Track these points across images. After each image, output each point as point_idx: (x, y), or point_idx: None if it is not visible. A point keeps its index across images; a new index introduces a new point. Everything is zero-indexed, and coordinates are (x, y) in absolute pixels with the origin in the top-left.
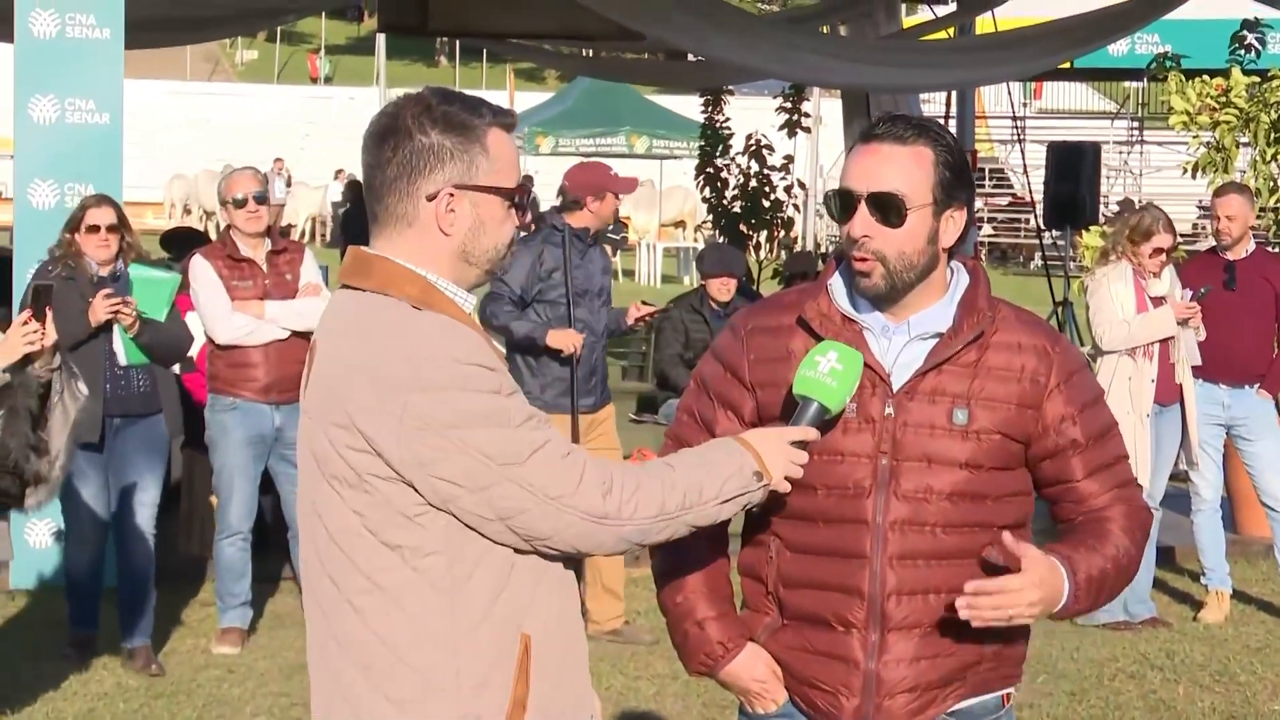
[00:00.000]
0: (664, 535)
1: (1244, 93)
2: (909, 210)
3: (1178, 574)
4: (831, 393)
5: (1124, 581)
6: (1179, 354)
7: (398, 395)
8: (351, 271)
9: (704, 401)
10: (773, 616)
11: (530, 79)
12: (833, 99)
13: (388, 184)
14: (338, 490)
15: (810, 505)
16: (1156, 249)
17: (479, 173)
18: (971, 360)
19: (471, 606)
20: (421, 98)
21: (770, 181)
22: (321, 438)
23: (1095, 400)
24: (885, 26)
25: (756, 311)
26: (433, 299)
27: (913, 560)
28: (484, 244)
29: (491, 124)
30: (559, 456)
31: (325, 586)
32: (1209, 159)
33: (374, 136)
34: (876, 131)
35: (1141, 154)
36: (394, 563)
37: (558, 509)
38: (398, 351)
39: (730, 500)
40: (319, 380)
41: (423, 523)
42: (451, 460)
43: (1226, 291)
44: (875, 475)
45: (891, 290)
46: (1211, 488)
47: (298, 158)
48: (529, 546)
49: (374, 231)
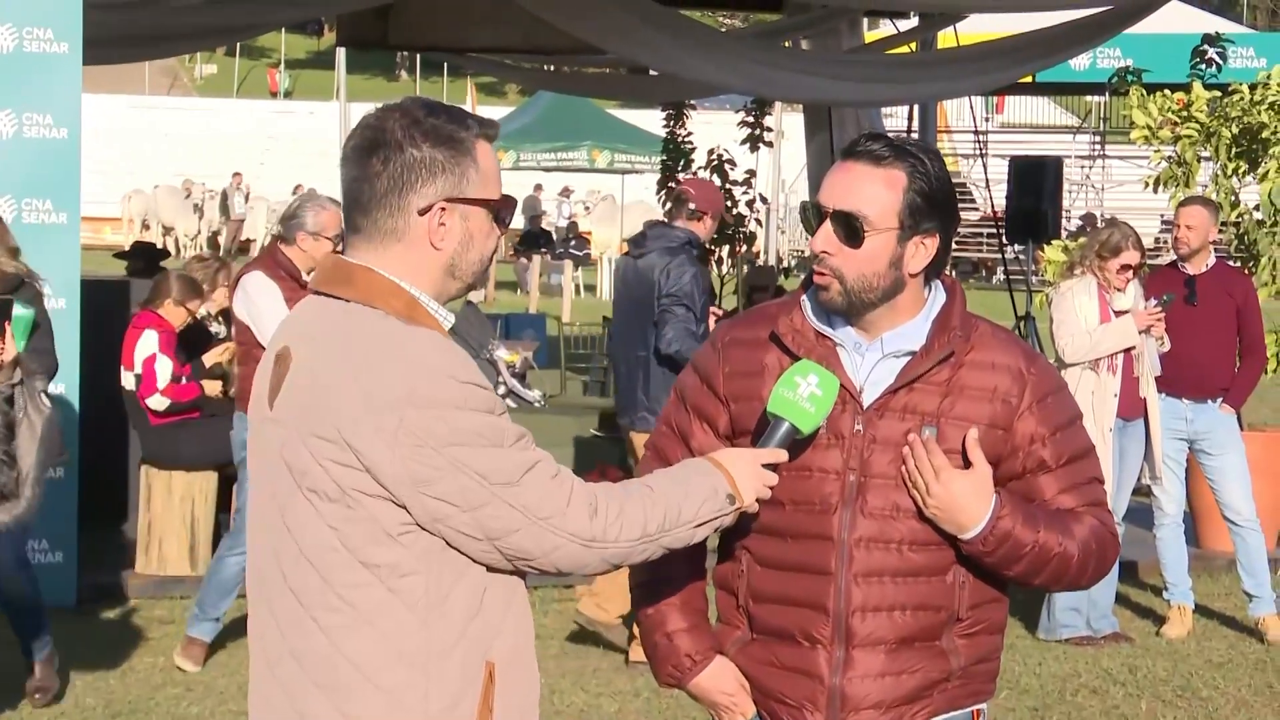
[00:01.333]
0: (642, 557)
1: (1205, 107)
2: (869, 233)
3: (1140, 589)
4: (807, 417)
5: (1046, 573)
6: (1143, 368)
7: (393, 410)
8: (331, 280)
9: (681, 413)
10: (743, 630)
11: (491, 93)
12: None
13: (377, 198)
14: (314, 504)
15: (779, 520)
16: (1124, 265)
17: (469, 185)
18: (944, 379)
19: (447, 628)
20: (407, 110)
21: (732, 196)
22: (301, 449)
23: (1070, 423)
24: (848, 41)
25: (736, 324)
26: (417, 315)
27: (878, 577)
28: (471, 258)
29: (479, 135)
30: (549, 477)
31: (286, 602)
32: (1170, 173)
33: (360, 149)
34: (856, 149)
35: (1103, 168)
36: (369, 581)
37: (547, 530)
38: (393, 366)
39: (705, 523)
40: (299, 389)
41: (404, 542)
42: (448, 479)
43: (1188, 306)
44: (842, 491)
45: (849, 307)
46: (1174, 502)
47: (257, 172)
48: (511, 567)
49: (354, 243)
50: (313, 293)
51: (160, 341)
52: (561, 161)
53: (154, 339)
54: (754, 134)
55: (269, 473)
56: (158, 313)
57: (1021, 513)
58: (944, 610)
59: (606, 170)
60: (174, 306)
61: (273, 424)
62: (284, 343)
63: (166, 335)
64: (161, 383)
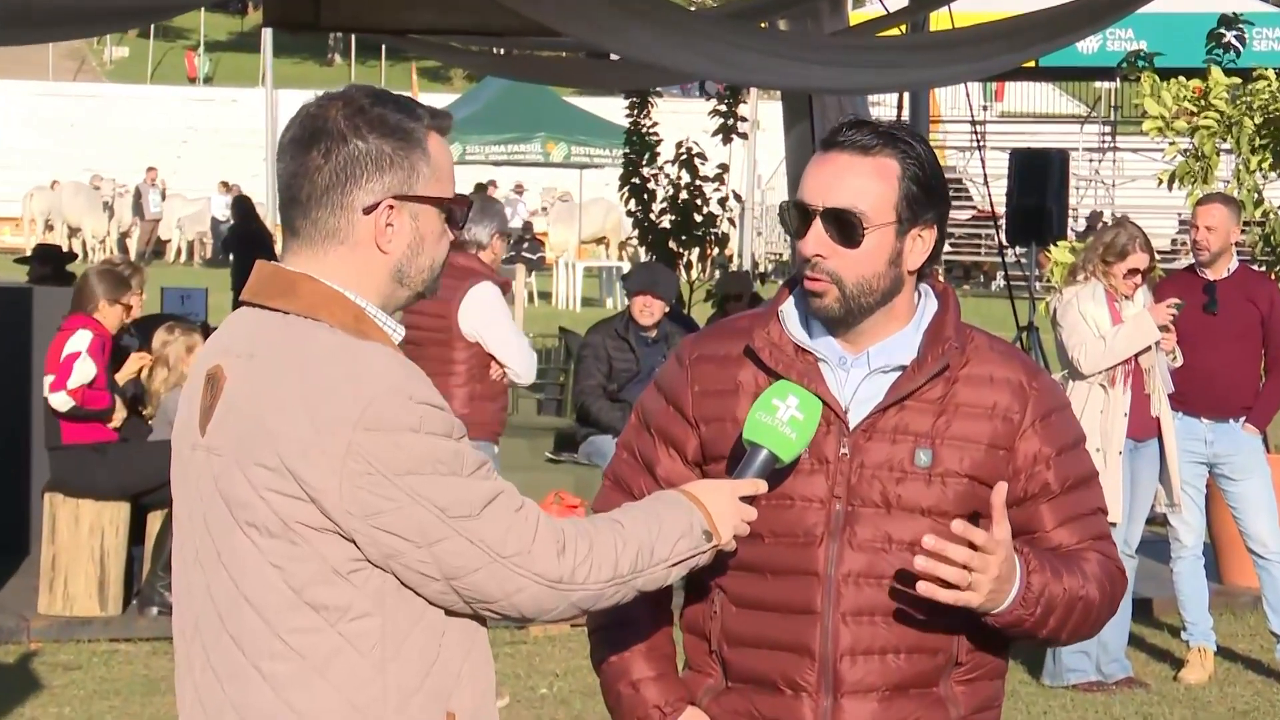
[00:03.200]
0: (613, 601)
1: (1225, 94)
2: (868, 229)
3: (1156, 629)
4: (788, 445)
5: (1072, 624)
6: (1154, 383)
7: (341, 434)
8: (268, 291)
9: (644, 438)
10: (716, 678)
11: (435, 79)
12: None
13: (318, 195)
14: (254, 540)
15: (756, 555)
16: (1131, 269)
17: (420, 181)
18: (938, 395)
19: (404, 677)
20: (350, 97)
21: (703, 193)
22: (238, 479)
23: (1075, 444)
24: (830, 22)
25: (704, 338)
26: (365, 327)
27: (869, 617)
28: (421, 262)
29: (430, 127)
30: (512, 510)
31: (225, 649)
32: (1187, 168)
33: (298, 141)
34: (838, 139)
35: (1114, 162)
36: (317, 625)
37: (510, 570)
38: (341, 385)
39: (680, 563)
40: (235, 413)
41: (355, 581)
42: (401, 510)
43: (1207, 315)
44: (828, 522)
45: (847, 314)
46: (1193, 533)
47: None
48: (469, 610)
49: (291, 246)
50: (245, 304)
51: (91, 344)
52: (513, 155)
53: (85, 339)
54: (727, 125)
55: (202, 506)
56: (93, 317)
57: (1047, 563)
58: (941, 653)
59: (563, 164)
60: (108, 306)
61: (205, 452)
62: (215, 361)
63: (100, 339)
64: (74, 382)
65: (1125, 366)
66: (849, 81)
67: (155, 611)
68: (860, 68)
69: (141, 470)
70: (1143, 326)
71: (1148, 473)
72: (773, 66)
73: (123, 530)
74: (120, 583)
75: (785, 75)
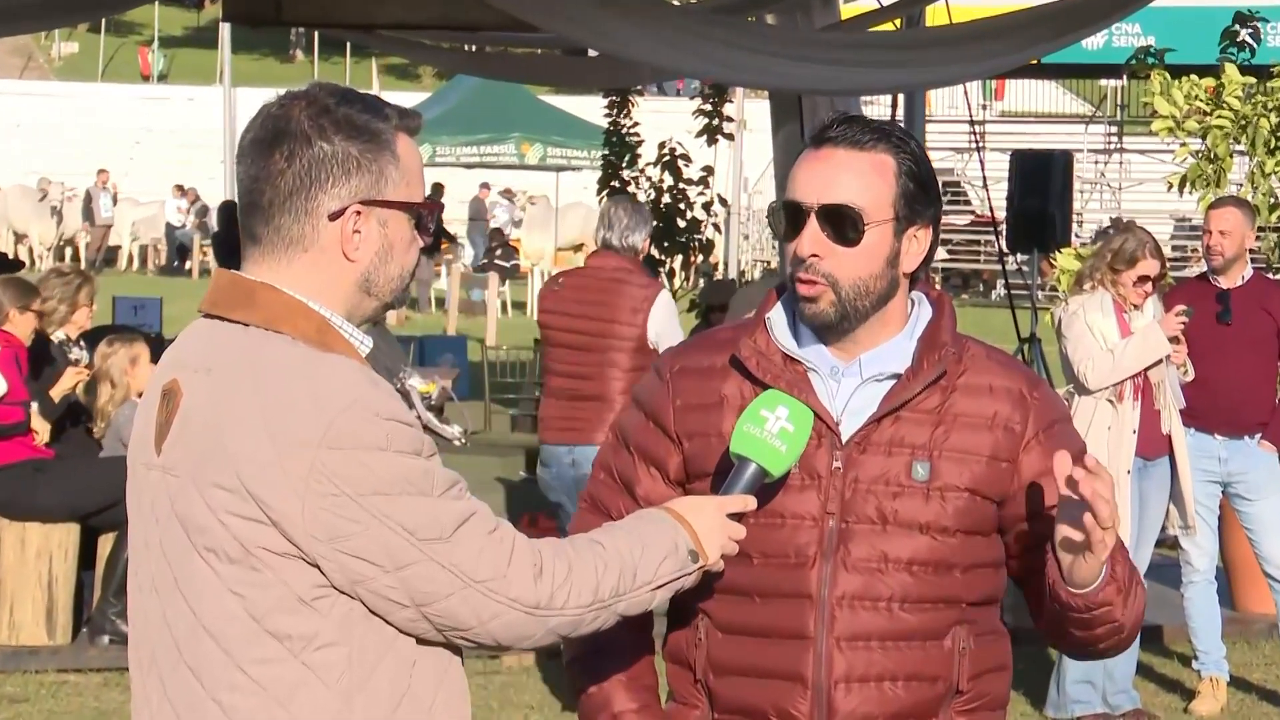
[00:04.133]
0: (593, 626)
1: (1240, 93)
2: (867, 226)
3: (1165, 658)
4: (778, 458)
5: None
6: (1164, 399)
7: (304, 452)
8: (227, 301)
9: (623, 457)
10: (702, 709)
11: (402, 77)
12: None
13: (280, 200)
14: (213, 566)
15: (744, 577)
16: (1141, 277)
17: (389, 186)
18: (934, 405)
19: (373, 710)
20: (314, 96)
21: (686, 197)
22: (196, 501)
23: (1079, 456)
24: (821, 17)
25: (686, 350)
26: (330, 339)
27: (865, 642)
28: (390, 271)
29: (399, 128)
30: (486, 532)
31: (183, 680)
32: (1198, 171)
33: (260, 143)
34: (829, 135)
35: (1121, 164)
36: (279, 655)
37: (484, 595)
38: (304, 401)
39: (664, 585)
40: (192, 430)
41: (319, 608)
42: (368, 533)
43: (1220, 325)
44: (821, 541)
45: (842, 320)
46: (1205, 556)
47: (126, 169)
48: (441, 638)
49: (252, 254)
50: (203, 315)
51: (1, 356)
52: (485, 156)
53: None
54: (712, 125)
55: (158, 529)
56: (2, 328)
57: None
58: (941, 681)
59: (539, 167)
60: (19, 315)
61: (161, 471)
62: (172, 375)
63: (12, 350)
64: None
65: (1134, 381)
66: (840, 81)
67: (107, 640)
68: (852, 66)
69: (91, 490)
70: (1151, 340)
71: (1158, 493)
72: (759, 64)
73: (72, 554)
74: (69, 610)
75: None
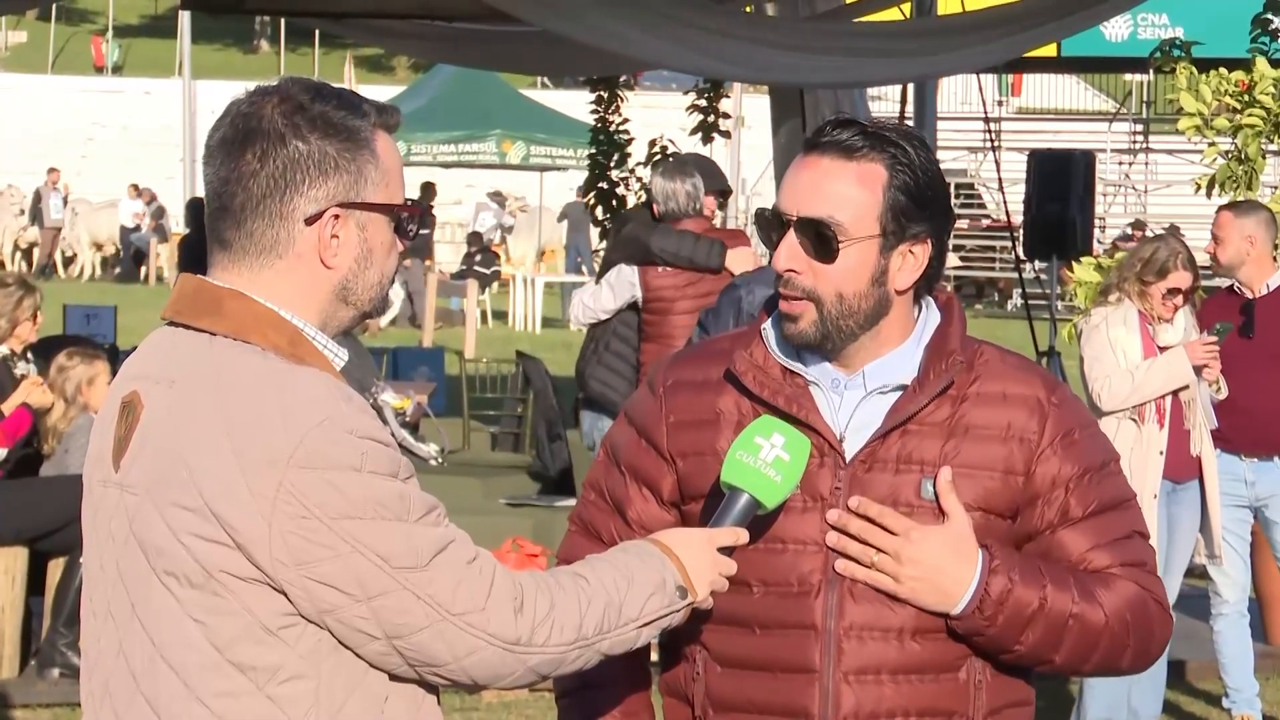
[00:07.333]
0: (575, 666)
1: (1272, 89)
2: (843, 243)
3: (1193, 696)
4: (772, 489)
5: (1067, 647)
6: (1195, 418)
7: (272, 472)
8: (192, 308)
9: (614, 476)
10: None
11: (375, 69)
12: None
13: (253, 204)
14: (173, 591)
15: (744, 607)
16: (1172, 289)
17: (367, 187)
18: (944, 417)
19: None
20: (287, 92)
21: None
22: (156, 522)
23: (1103, 465)
24: (822, 3)
25: (680, 362)
26: (302, 351)
27: (874, 675)
28: (369, 278)
29: (377, 125)
30: (464, 562)
31: (139, 713)
32: (1228, 172)
33: (229, 143)
34: (820, 140)
35: (1146, 165)
36: (243, 687)
37: (460, 629)
38: (273, 416)
39: (651, 623)
40: (153, 446)
41: (286, 638)
42: (338, 559)
43: (1243, 339)
44: (825, 568)
45: (824, 340)
46: (1236, 587)
47: (78, 167)
48: (414, 674)
49: (220, 260)
50: (167, 323)
51: None
52: (464, 155)
53: None
54: (707, 122)
55: (115, 551)
56: None
57: (1017, 564)
58: (956, 716)
59: (521, 166)
60: None
61: (119, 489)
62: (131, 386)
63: None
64: None
65: (1156, 401)
66: (844, 74)
67: (57, 674)
68: (857, 56)
69: (40, 511)
70: (1174, 367)
71: (1188, 519)
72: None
73: (19, 580)
74: (16, 641)
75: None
